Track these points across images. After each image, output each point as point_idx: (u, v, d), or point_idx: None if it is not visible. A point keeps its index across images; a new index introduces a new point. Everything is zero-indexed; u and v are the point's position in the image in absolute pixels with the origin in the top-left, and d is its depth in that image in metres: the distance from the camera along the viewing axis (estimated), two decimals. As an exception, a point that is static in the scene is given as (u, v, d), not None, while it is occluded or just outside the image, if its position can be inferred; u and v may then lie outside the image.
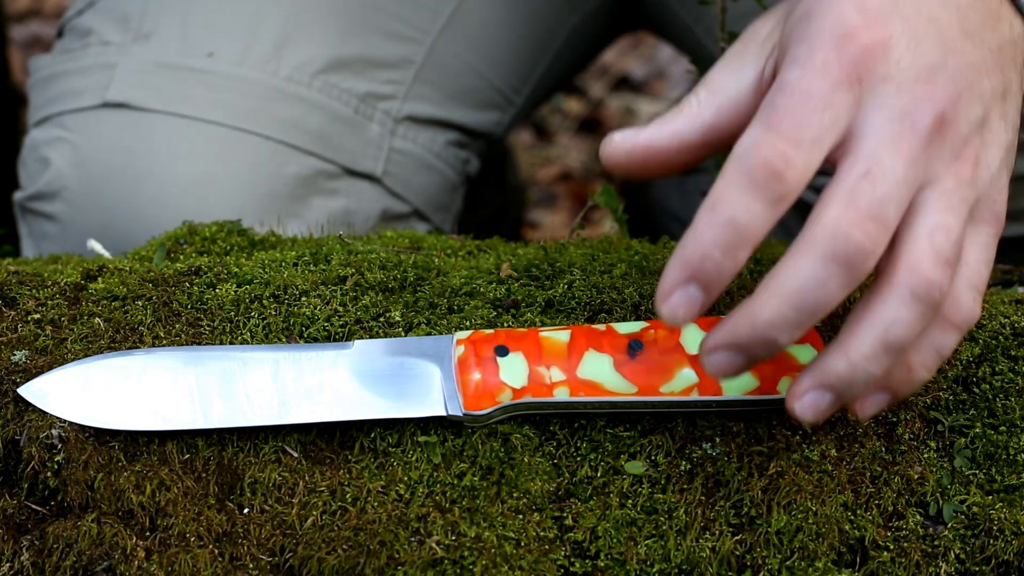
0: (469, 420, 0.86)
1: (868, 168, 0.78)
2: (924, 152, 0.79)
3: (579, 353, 0.86)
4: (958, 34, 0.82)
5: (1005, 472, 0.87)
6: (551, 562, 0.83)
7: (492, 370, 0.86)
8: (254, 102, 1.30)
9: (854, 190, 0.78)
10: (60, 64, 1.36)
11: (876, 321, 0.78)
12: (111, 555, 0.82)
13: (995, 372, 0.91)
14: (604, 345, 0.86)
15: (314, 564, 0.82)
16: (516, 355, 0.86)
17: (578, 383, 0.85)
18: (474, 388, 0.85)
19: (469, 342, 0.87)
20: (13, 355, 0.89)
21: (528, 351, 0.86)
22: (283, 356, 0.88)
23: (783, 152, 0.77)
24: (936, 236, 0.79)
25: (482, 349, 0.86)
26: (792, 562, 0.84)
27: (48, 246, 1.31)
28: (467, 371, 0.86)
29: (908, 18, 0.81)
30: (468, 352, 0.86)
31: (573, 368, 0.85)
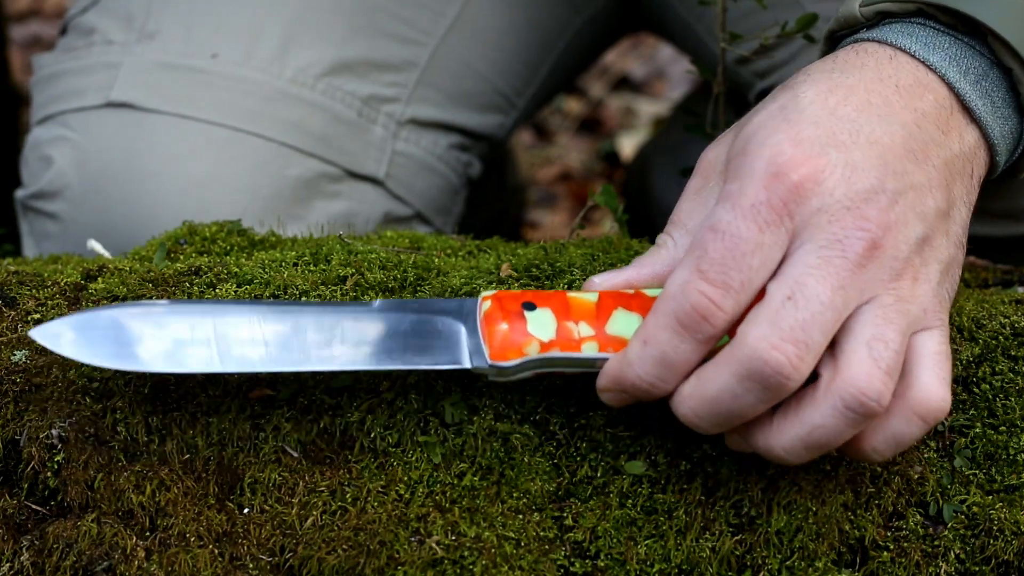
0: (494, 373, 0.84)
1: (791, 292, 0.79)
2: (855, 276, 0.80)
3: (608, 311, 0.85)
4: (901, 154, 0.83)
5: (1005, 472, 0.87)
6: (551, 562, 0.83)
7: (520, 323, 0.84)
8: (257, 103, 1.30)
9: (777, 312, 0.79)
10: (63, 63, 1.36)
11: (803, 420, 0.80)
12: (111, 555, 0.82)
13: (995, 372, 0.91)
14: (633, 305, 0.85)
15: (314, 564, 0.82)
16: (544, 310, 0.85)
17: (607, 339, 0.84)
18: (501, 339, 0.84)
19: (495, 298, 0.85)
20: (13, 355, 0.89)
21: (556, 308, 0.85)
22: (305, 308, 0.86)
23: (711, 297, 0.79)
24: (875, 346, 0.80)
25: (509, 304, 0.85)
26: (792, 562, 0.84)
27: (49, 245, 1.31)
28: (494, 323, 0.84)
29: (843, 145, 0.82)
30: (495, 307, 0.85)
31: (602, 325, 0.84)
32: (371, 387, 0.89)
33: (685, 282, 0.80)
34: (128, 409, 0.87)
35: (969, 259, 1.12)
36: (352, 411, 0.88)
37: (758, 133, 0.83)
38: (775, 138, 0.82)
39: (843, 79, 0.85)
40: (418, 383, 0.89)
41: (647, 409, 0.88)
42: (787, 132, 0.82)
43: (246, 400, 0.88)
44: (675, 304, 0.80)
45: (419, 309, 0.87)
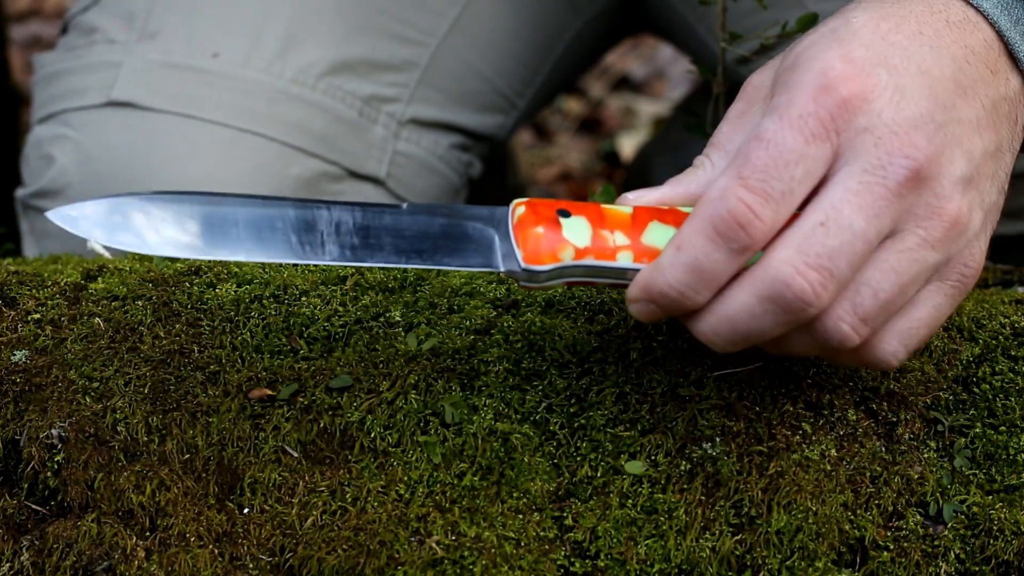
0: (526, 277, 0.83)
1: (825, 218, 0.78)
2: (892, 205, 0.79)
3: (643, 223, 0.83)
4: (950, 88, 0.82)
5: (1005, 472, 0.87)
6: (551, 562, 0.83)
7: (555, 228, 0.83)
8: (258, 103, 1.30)
9: (807, 237, 0.78)
10: (64, 61, 1.36)
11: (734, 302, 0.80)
12: (111, 555, 0.82)
13: (995, 372, 0.91)
14: (668, 219, 0.84)
15: (314, 564, 0.82)
16: (579, 218, 0.83)
17: (642, 249, 0.83)
18: (535, 242, 0.82)
19: (529, 204, 0.84)
20: (13, 355, 0.89)
21: (591, 216, 0.83)
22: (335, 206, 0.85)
23: (750, 205, 0.78)
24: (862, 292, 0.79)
25: (544, 210, 0.83)
26: (792, 562, 0.84)
27: (50, 244, 1.31)
28: (528, 227, 0.83)
29: (894, 69, 0.80)
30: (529, 212, 0.83)
31: (638, 235, 0.83)
32: (371, 387, 0.89)
33: (724, 188, 0.78)
34: (128, 409, 0.87)
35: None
36: (352, 411, 0.88)
37: (809, 50, 0.81)
38: (826, 55, 0.80)
39: (895, 8, 0.83)
40: (418, 383, 0.89)
41: (647, 409, 0.88)
42: (838, 50, 0.80)
43: (246, 400, 0.88)
44: (712, 210, 0.78)
45: (449, 213, 0.85)
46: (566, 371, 0.90)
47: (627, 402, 0.89)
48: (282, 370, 0.90)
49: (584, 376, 0.90)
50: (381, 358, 0.90)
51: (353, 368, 0.90)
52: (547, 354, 0.91)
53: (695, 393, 0.89)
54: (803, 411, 0.88)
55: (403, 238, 0.84)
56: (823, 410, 0.88)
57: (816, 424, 0.88)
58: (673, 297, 0.80)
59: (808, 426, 0.88)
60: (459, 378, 0.90)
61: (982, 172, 0.82)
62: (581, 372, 0.90)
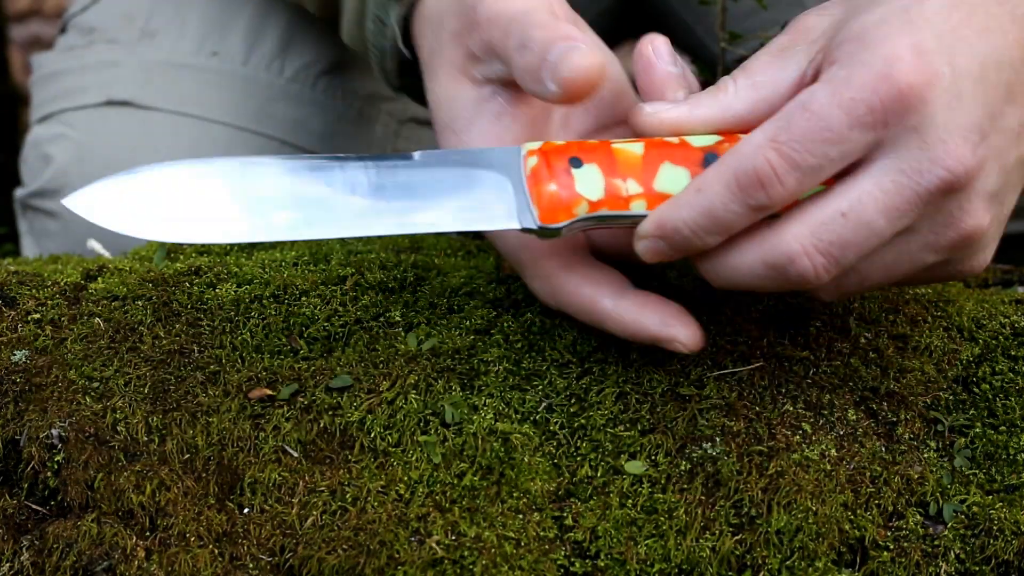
0: (544, 233, 0.84)
1: (848, 209, 0.78)
2: (916, 209, 0.79)
3: (655, 165, 0.83)
4: (1002, 95, 0.80)
5: (1005, 472, 0.87)
6: (551, 562, 0.83)
7: (567, 182, 0.83)
8: (258, 102, 1.30)
9: (825, 223, 0.78)
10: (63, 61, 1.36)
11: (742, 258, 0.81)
12: (111, 555, 0.82)
13: (995, 372, 0.91)
14: (678, 158, 0.83)
15: (314, 564, 0.82)
16: (591, 167, 0.83)
17: (655, 196, 0.83)
18: (549, 200, 0.83)
19: (540, 153, 0.84)
20: (13, 355, 0.89)
21: (603, 163, 0.83)
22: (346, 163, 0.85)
23: (776, 168, 0.78)
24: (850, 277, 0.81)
25: (555, 160, 0.84)
26: (792, 562, 0.84)
27: (49, 243, 1.31)
28: (541, 182, 0.83)
29: (958, 69, 0.79)
30: (541, 164, 0.84)
31: (650, 181, 0.83)
32: (371, 387, 0.89)
33: (757, 145, 0.78)
34: (128, 409, 0.87)
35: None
36: (352, 411, 0.88)
37: (879, 28, 0.79)
38: (897, 40, 0.78)
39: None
40: (418, 383, 0.89)
41: (647, 409, 0.88)
42: (910, 37, 0.78)
43: (246, 400, 0.88)
44: (739, 163, 0.78)
45: (461, 162, 0.85)
46: (566, 371, 0.90)
47: (627, 402, 0.89)
48: (282, 370, 0.90)
49: (584, 376, 0.90)
50: (381, 358, 0.90)
51: (353, 368, 0.90)
52: (547, 354, 0.91)
53: (695, 393, 0.89)
54: (803, 411, 0.88)
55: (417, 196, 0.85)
56: (823, 410, 0.88)
57: (816, 424, 0.88)
58: (685, 235, 0.80)
59: (808, 426, 0.88)
60: (459, 378, 0.90)
61: (1010, 183, 0.82)
62: (581, 372, 0.90)
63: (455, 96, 0.89)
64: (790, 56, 0.83)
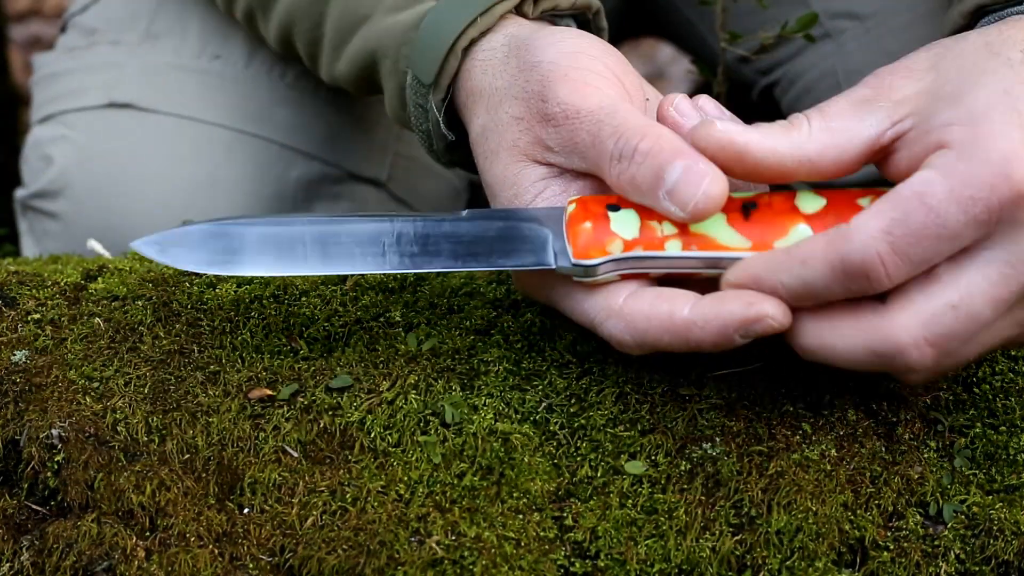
0: (579, 273, 0.85)
1: (959, 302, 0.79)
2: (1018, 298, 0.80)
3: None
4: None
5: (1005, 472, 0.87)
6: (551, 562, 0.83)
7: (603, 222, 0.84)
8: (260, 106, 1.30)
9: (936, 316, 0.79)
10: (65, 62, 1.36)
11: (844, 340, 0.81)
12: (111, 555, 0.82)
13: (995, 372, 0.91)
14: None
15: (314, 564, 0.82)
16: (628, 211, 0.85)
17: (690, 237, 0.84)
18: (584, 238, 0.84)
19: (580, 201, 0.86)
20: (13, 355, 0.89)
21: (641, 208, 0.85)
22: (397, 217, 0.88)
23: (886, 264, 0.78)
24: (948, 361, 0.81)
25: (593, 206, 0.85)
26: (792, 562, 0.84)
27: (50, 244, 1.31)
28: (577, 223, 0.85)
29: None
30: (579, 209, 0.85)
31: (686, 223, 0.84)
32: (371, 387, 0.89)
33: (871, 236, 0.78)
34: (128, 409, 0.87)
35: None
36: (352, 411, 0.88)
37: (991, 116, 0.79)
38: (1012, 134, 0.79)
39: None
40: (418, 383, 0.89)
41: (647, 409, 0.88)
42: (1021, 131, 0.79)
43: (246, 400, 0.88)
44: (850, 250, 0.78)
45: (506, 217, 0.87)
46: (566, 371, 0.90)
47: (627, 402, 0.89)
48: (282, 370, 0.90)
49: (584, 376, 0.90)
50: (381, 358, 0.91)
51: (353, 368, 0.90)
52: (547, 354, 0.91)
53: (695, 393, 0.89)
54: (803, 411, 0.88)
55: (461, 243, 0.87)
56: (823, 410, 0.88)
57: (816, 424, 0.88)
58: (780, 295, 0.81)
59: (808, 426, 0.88)
60: (459, 378, 0.90)
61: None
62: (581, 372, 0.90)
63: (520, 175, 0.89)
64: (871, 111, 0.83)
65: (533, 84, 0.89)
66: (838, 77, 1.31)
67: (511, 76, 0.91)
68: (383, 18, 1.00)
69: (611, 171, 0.84)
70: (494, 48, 0.93)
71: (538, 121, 0.88)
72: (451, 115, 0.96)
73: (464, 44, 0.93)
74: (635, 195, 0.84)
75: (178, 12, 1.33)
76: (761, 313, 0.81)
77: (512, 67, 0.91)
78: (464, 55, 0.93)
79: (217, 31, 1.32)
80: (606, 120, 0.85)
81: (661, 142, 0.83)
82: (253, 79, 1.31)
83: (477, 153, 0.93)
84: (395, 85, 0.99)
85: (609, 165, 0.84)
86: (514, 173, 0.89)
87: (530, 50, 0.90)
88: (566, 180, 0.89)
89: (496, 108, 0.91)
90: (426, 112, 0.97)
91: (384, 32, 0.99)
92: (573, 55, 0.89)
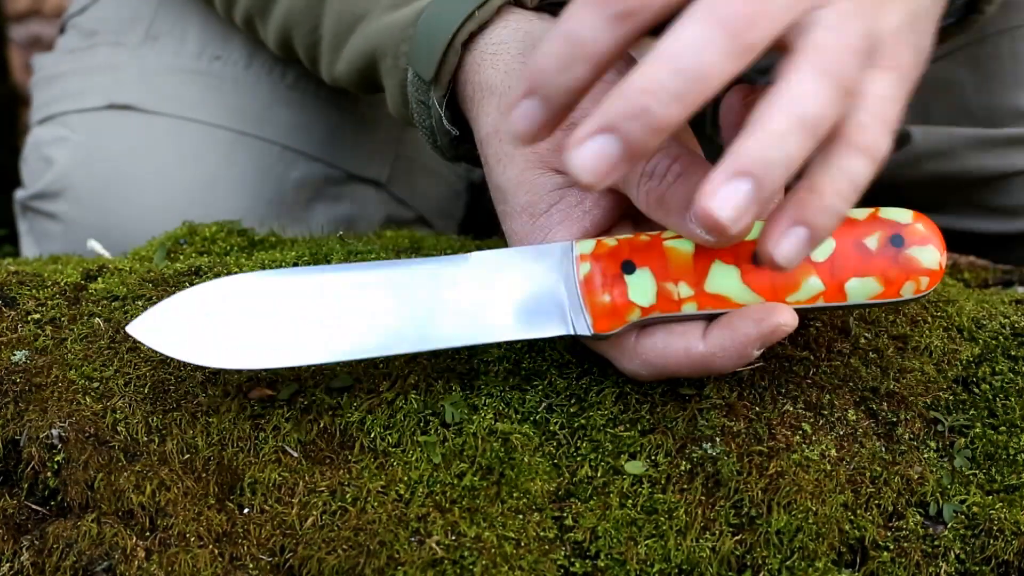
0: (596, 338, 0.85)
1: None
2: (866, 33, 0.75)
3: (706, 265, 0.84)
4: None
5: (1005, 472, 0.87)
6: (551, 562, 0.83)
7: (621, 291, 0.84)
8: (260, 107, 1.30)
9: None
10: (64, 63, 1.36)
11: (789, 97, 0.72)
12: (111, 555, 0.82)
13: (995, 372, 0.91)
14: (729, 256, 0.84)
15: (314, 564, 0.82)
16: (643, 271, 0.84)
17: (706, 298, 0.84)
18: (603, 310, 0.84)
19: (593, 258, 0.85)
20: (13, 355, 0.89)
21: (655, 265, 0.84)
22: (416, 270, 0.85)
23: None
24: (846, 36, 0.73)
25: (608, 266, 0.85)
26: (792, 562, 0.84)
27: (50, 245, 1.31)
28: (594, 293, 0.84)
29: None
30: (594, 270, 0.85)
31: (700, 282, 0.84)
32: (371, 387, 0.89)
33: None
34: (128, 409, 0.87)
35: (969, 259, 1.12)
36: (352, 411, 0.88)
37: None
38: None
39: None
40: (418, 383, 0.89)
41: (647, 409, 0.88)
42: None
43: (246, 400, 0.88)
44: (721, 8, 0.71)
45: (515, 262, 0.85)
46: (566, 371, 0.90)
47: (627, 402, 0.89)
48: (282, 370, 0.90)
49: (584, 376, 0.90)
50: (381, 358, 0.91)
51: (353, 368, 0.90)
52: (547, 354, 0.91)
53: (695, 393, 0.89)
54: (803, 411, 0.88)
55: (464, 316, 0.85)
56: (823, 410, 0.88)
57: (816, 424, 0.88)
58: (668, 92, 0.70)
59: (808, 426, 0.88)
60: (459, 378, 0.90)
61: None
62: (581, 372, 0.90)
63: (535, 182, 0.88)
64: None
65: None
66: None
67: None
68: (381, 16, 1.00)
69: (639, 187, 0.83)
70: (503, 42, 0.92)
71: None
72: (454, 109, 0.96)
73: (463, 38, 0.93)
74: (659, 213, 0.82)
75: (178, 14, 1.33)
76: (776, 324, 0.81)
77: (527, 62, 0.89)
78: (464, 49, 0.93)
79: (217, 32, 1.32)
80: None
81: (695, 163, 0.81)
82: (253, 80, 1.31)
83: (487, 154, 0.91)
84: (396, 82, 0.99)
85: (639, 180, 0.83)
86: (530, 179, 0.88)
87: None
88: (580, 192, 0.87)
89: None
90: (428, 109, 0.96)
91: (382, 30, 0.99)
92: None
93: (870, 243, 0.84)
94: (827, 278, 0.84)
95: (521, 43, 0.91)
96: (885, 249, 0.84)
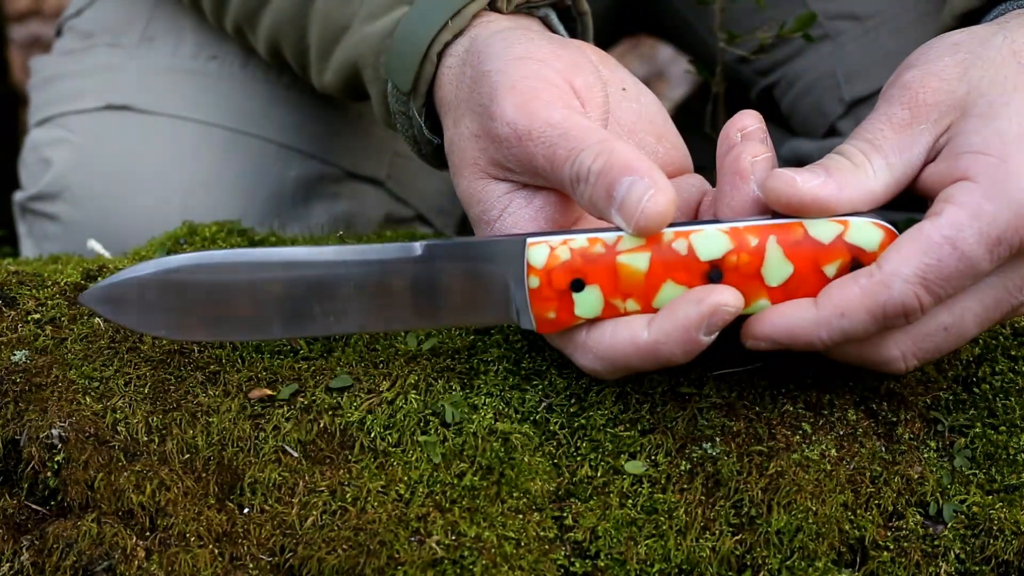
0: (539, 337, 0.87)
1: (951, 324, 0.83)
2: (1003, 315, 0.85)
3: (657, 284, 0.84)
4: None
5: (1005, 472, 0.87)
6: (551, 562, 0.83)
7: (567, 306, 0.85)
8: (257, 106, 1.30)
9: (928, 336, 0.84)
10: (62, 65, 1.36)
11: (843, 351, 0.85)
12: (111, 555, 0.82)
13: (995, 372, 0.91)
14: (682, 276, 0.84)
15: (314, 564, 0.82)
16: (592, 289, 0.84)
17: (653, 312, 0.84)
18: (548, 322, 0.85)
19: (544, 274, 0.85)
20: (13, 355, 0.89)
21: (605, 283, 0.84)
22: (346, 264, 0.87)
23: (923, 304, 0.81)
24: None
25: (558, 281, 0.85)
26: (792, 562, 0.84)
27: (49, 246, 1.31)
28: (542, 307, 0.85)
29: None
30: (543, 286, 0.85)
31: (650, 299, 0.84)
32: (371, 387, 0.89)
33: (906, 282, 0.81)
34: (128, 409, 0.87)
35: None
36: (352, 411, 0.88)
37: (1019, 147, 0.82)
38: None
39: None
40: (418, 383, 0.89)
41: (647, 409, 0.88)
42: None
43: (246, 400, 0.88)
44: (891, 297, 0.81)
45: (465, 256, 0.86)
46: (566, 371, 0.90)
47: (627, 402, 0.89)
48: (282, 370, 0.90)
49: (584, 376, 0.90)
50: (381, 358, 0.91)
51: (353, 368, 0.90)
52: (547, 354, 0.91)
53: (695, 393, 0.89)
54: (803, 411, 0.88)
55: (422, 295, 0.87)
56: (823, 410, 0.88)
57: (816, 424, 0.88)
58: (815, 348, 0.84)
59: (808, 426, 0.88)
60: (459, 378, 0.90)
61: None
62: (581, 372, 0.90)
63: (483, 191, 0.90)
64: (917, 137, 0.85)
65: (484, 98, 0.88)
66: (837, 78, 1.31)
67: (468, 87, 0.91)
68: (361, 27, 1.00)
69: (574, 194, 0.85)
70: (457, 54, 0.94)
71: (491, 141, 0.88)
72: (434, 119, 0.96)
73: (438, 49, 0.93)
74: (595, 214, 0.84)
75: (174, 15, 1.33)
76: (714, 305, 0.82)
77: (468, 76, 0.91)
78: (440, 59, 0.94)
79: (213, 33, 1.32)
80: (560, 143, 0.85)
81: (612, 159, 0.83)
82: (250, 79, 1.30)
83: (449, 163, 0.93)
84: (378, 92, 1.00)
85: (572, 189, 0.85)
86: (478, 190, 0.90)
87: (481, 57, 0.90)
88: (529, 192, 0.89)
89: (459, 122, 0.91)
90: (409, 119, 0.97)
91: (362, 41, 1.00)
92: (520, 62, 0.88)
93: (829, 270, 0.83)
94: (776, 301, 0.84)
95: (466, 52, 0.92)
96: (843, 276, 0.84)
